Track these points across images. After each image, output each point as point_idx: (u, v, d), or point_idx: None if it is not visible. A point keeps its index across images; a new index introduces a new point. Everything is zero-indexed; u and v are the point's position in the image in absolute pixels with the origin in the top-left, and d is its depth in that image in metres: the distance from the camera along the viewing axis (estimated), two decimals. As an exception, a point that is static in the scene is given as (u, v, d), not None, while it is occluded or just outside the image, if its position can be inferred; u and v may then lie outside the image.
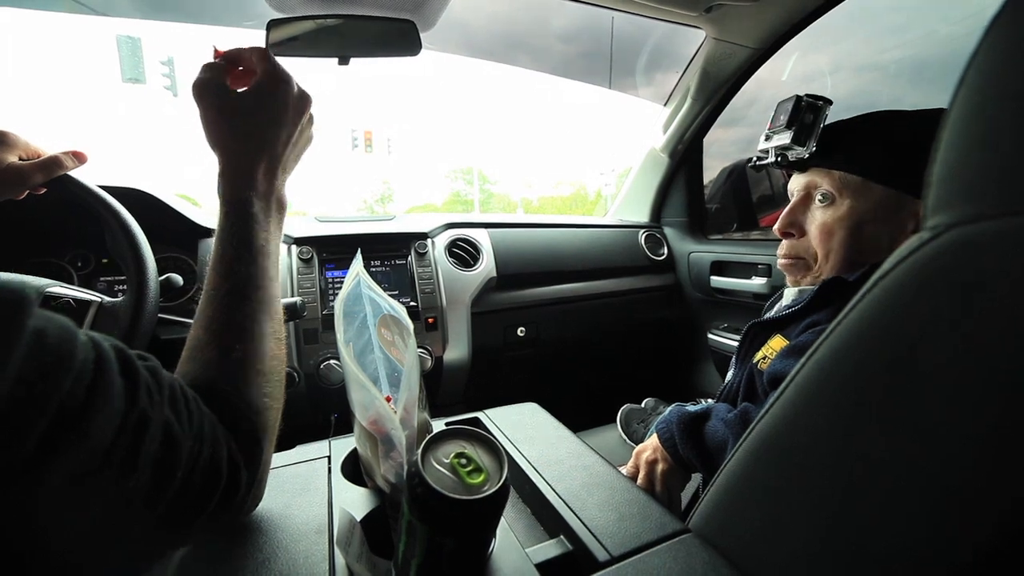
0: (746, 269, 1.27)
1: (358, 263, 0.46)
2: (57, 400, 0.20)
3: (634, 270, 1.44)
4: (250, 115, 0.45)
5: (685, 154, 1.43)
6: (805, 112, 0.61)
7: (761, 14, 1.01)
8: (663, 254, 1.51)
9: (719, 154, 1.53)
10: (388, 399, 0.40)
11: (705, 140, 1.44)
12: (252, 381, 0.38)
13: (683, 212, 1.53)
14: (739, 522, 0.36)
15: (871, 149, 0.58)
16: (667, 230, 1.56)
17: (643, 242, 1.49)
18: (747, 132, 1.48)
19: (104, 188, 0.72)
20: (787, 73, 1.30)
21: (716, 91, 1.24)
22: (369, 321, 0.45)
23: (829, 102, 0.62)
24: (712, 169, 1.54)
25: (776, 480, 0.34)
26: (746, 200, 1.53)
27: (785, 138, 0.61)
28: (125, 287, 0.96)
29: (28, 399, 0.19)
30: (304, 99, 0.48)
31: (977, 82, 0.26)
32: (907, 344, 0.26)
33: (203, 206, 1.09)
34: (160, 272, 0.73)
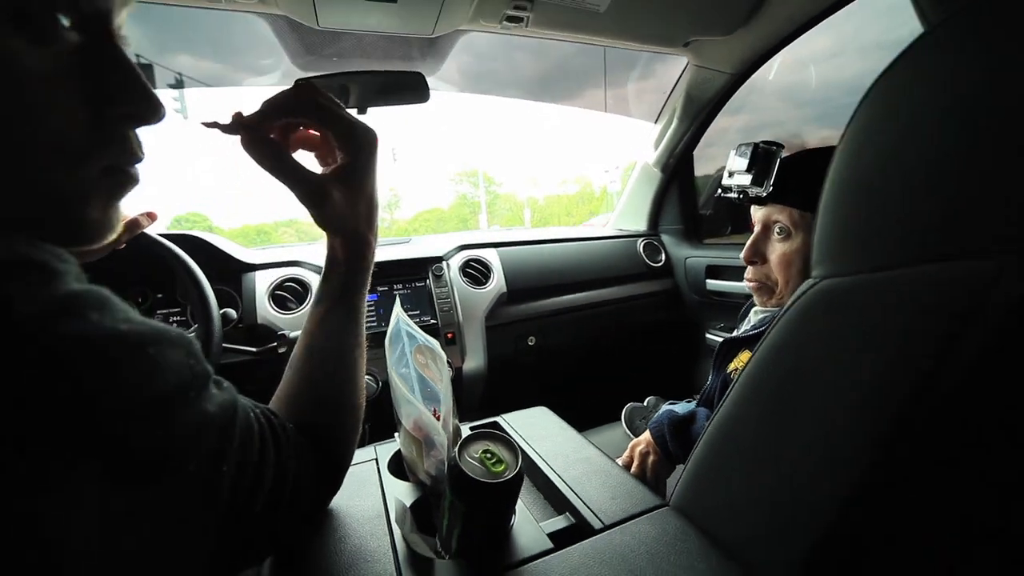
0: (739, 272, 1.37)
1: (398, 307, 0.57)
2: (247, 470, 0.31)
3: (634, 277, 1.55)
4: (359, 188, 0.44)
5: (676, 167, 1.54)
6: (761, 157, 0.71)
7: (735, 44, 1.11)
8: (661, 260, 1.61)
9: (725, 142, 1.60)
10: (435, 413, 0.51)
11: (712, 128, 1.49)
12: (345, 426, 0.47)
13: (678, 220, 1.64)
14: (703, 495, 0.46)
15: (819, 187, 0.68)
16: (664, 237, 1.67)
17: (642, 250, 1.60)
18: (751, 119, 1.57)
19: (167, 236, 0.85)
20: (773, 72, 1.39)
21: (699, 112, 1.35)
22: (407, 350, 0.57)
23: (781, 147, 0.72)
24: (719, 159, 1.62)
25: (726, 459, 0.44)
26: (738, 204, 1.62)
27: (745, 180, 0.71)
28: (180, 318, 1.09)
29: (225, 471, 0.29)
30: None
31: (838, 169, 0.36)
32: (796, 358, 0.37)
33: (212, 221, 1.22)
34: None
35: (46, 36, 0.25)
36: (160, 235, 0.86)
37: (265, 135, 0.40)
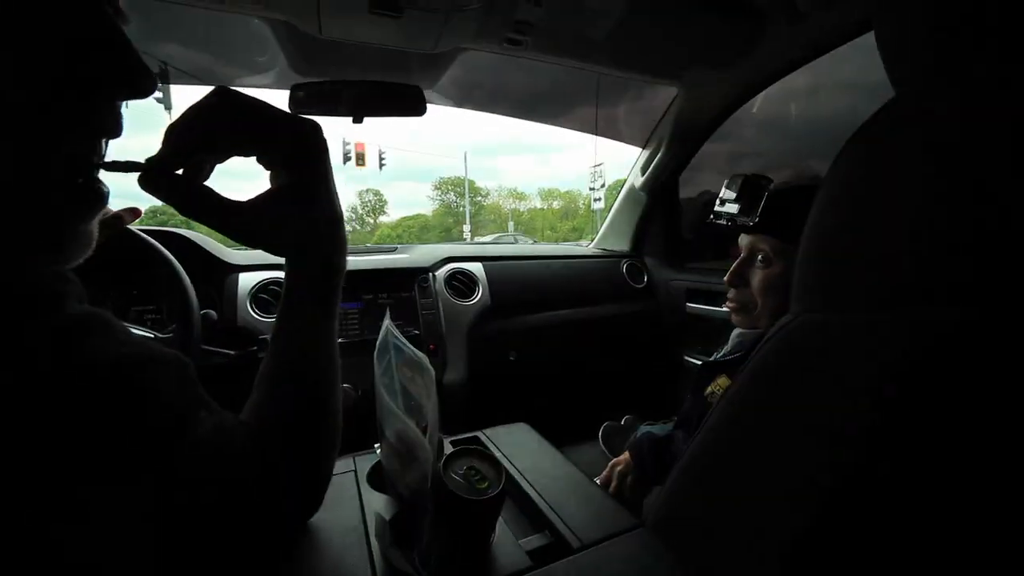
0: (718, 297, 1.41)
1: (387, 320, 0.58)
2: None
3: (616, 297, 1.57)
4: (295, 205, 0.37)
5: (661, 192, 1.58)
6: (750, 189, 0.75)
7: (724, 80, 1.16)
8: (643, 282, 1.64)
9: (708, 167, 1.66)
10: (424, 428, 0.52)
11: (698, 155, 1.52)
12: (324, 436, 0.46)
13: (662, 243, 1.68)
14: (678, 517, 0.48)
15: (800, 220, 0.72)
16: (647, 259, 1.70)
17: (625, 271, 1.63)
18: (733, 147, 1.62)
19: (149, 233, 0.84)
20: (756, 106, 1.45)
21: (686, 141, 1.40)
22: (393, 363, 0.57)
23: (770, 180, 0.76)
24: (704, 184, 1.68)
25: (703, 484, 0.46)
26: (719, 230, 1.67)
27: (734, 209, 0.75)
28: (155, 316, 1.07)
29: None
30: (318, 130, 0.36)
31: (817, 215, 0.39)
32: (773, 388, 0.39)
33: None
34: None
35: None
36: (142, 230, 0.85)
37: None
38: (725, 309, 0.86)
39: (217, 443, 0.30)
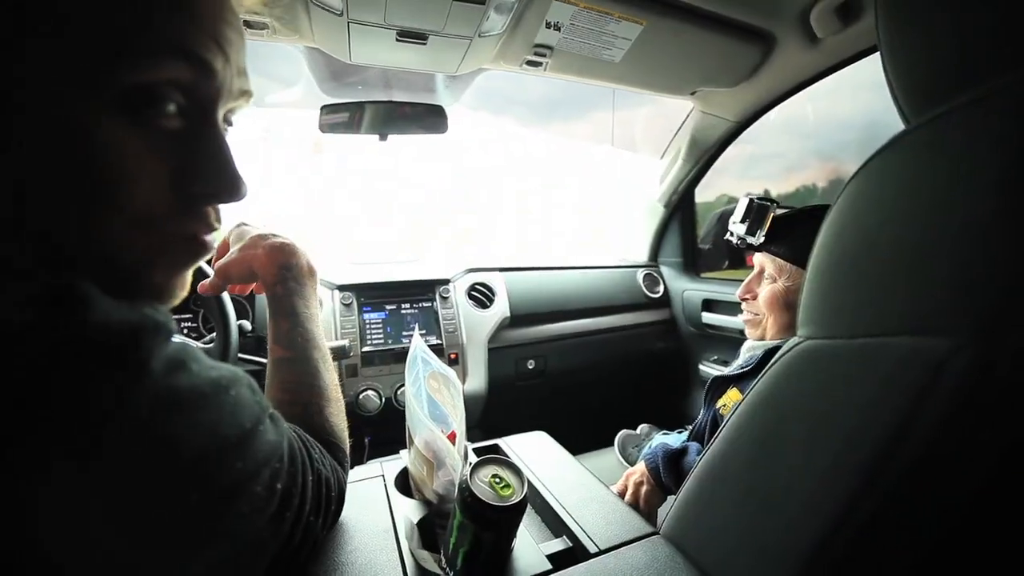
0: (733, 307, 1.42)
1: (416, 335, 0.61)
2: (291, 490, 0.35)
3: (633, 307, 1.59)
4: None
5: (678, 203, 1.60)
6: (756, 211, 0.78)
7: (739, 96, 1.18)
8: (659, 292, 1.66)
9: (726, 170, 1.67)
10: (452, 435, 0.55)
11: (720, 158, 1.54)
12: (332, 420, 0.52)
13: (678, 253, 1.69)
14: (692, 526, 0.50)
15: (804, 241, 0.75)
16: (664, 269, 1.72)
17: (641, 281, 1.65)
18: (755, 149, 1.63)
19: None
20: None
21: (703, 154, 1.42)
22: (421, 375, 0.61)
23: (775, 202, 0.80)
24: (719, 187, 1.70)
25: (715, 494, 0.48)
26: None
27: (741, 229, 0.79)
28: (191, 324, 1.13)
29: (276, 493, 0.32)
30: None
31: (824, 243, 0.41)
32: (780, 408, 0.41)
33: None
34: None
35: (147, 121, 0.26)
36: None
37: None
38: (740, 320, 0.90)
39: (281, 443, 0.34)
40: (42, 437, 0.20)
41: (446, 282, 1.29)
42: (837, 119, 1.62)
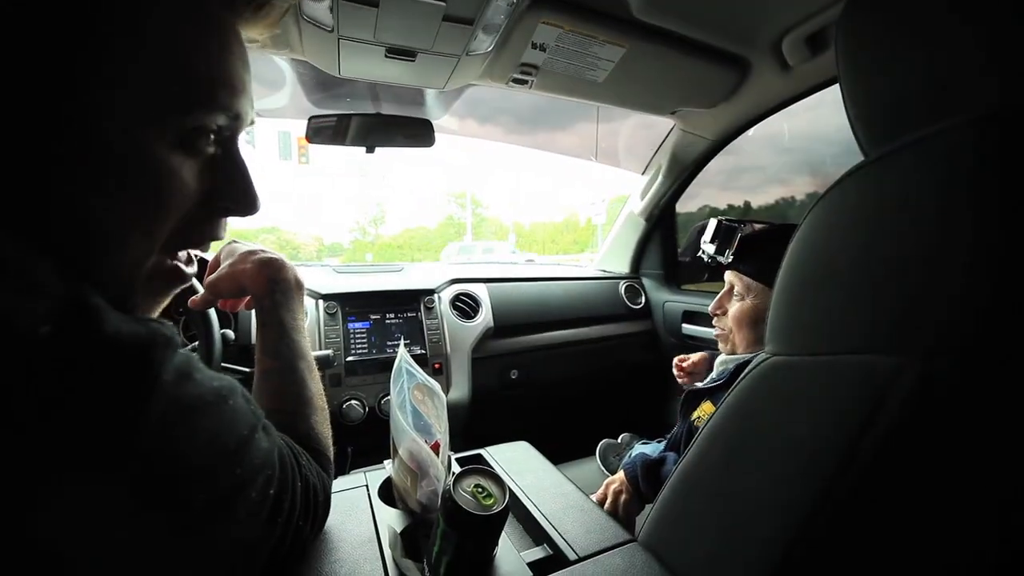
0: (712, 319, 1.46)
1: (402, 348, 0.63)
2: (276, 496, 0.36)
3: (615, 318, 1.62)
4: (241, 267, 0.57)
5: (659, 218, 1.64)
6: (724, 232, 0.82)
7: (718, 115, 1.23)
8: (641, 303, 1.69)
9: (708, 182, 1.72)
10: (436, 446, 0.56)
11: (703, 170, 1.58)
12: (318, 429, 0.53)
13: (659, 265, 1.73)
14: (668, 533, 0.52)
15: (769, 261, 0.78)
16: (645, 281, 1.75)
17: (623, 292, 1.68)
18: (735, 161, 1.68)
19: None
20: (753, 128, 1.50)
21: (683, 171, 1.46)
22: (406, 387, 0.62)
23: (742, 223, 0.83)
24: (700, 198, 1.75)
25: (689, 502, 0.50)
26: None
27: (711, 249, 0.82)
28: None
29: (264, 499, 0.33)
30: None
31: (789, 265, 0.44)
32: (748, 419, 0.44)
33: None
34: None
35: (197, 151, 0.32)
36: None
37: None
38: (713, 333, 0.94)
39: (274, 450, 0.36)
40: (64, 445, 0.21)
41: (431, 292, 1.31)
42: (816, 135, 1.68)
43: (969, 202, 0.32)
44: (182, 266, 0.37)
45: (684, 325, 1.55)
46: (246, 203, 0.37)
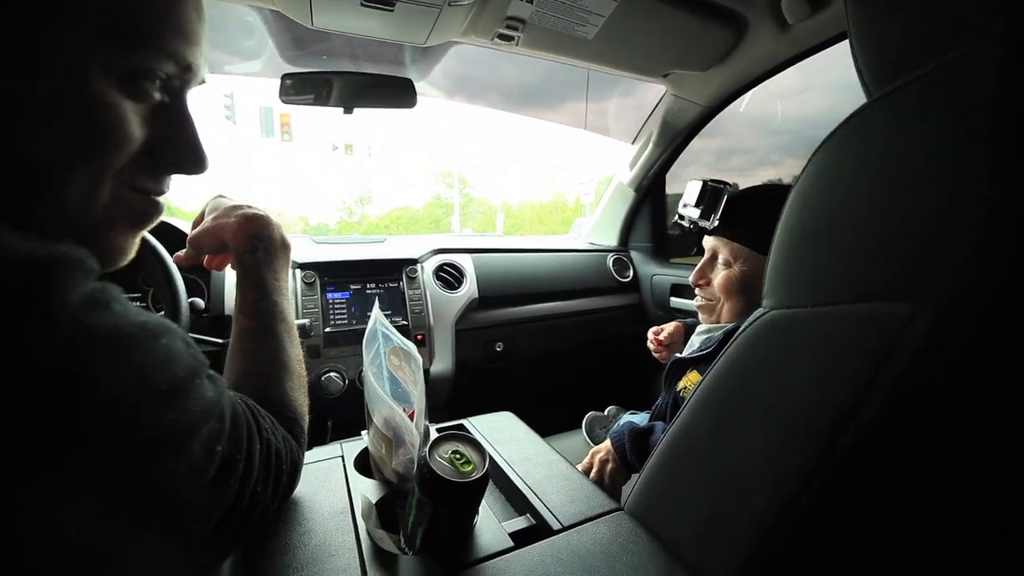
0: (701, 293, 1.45)
1: (376, 309, 0.59)
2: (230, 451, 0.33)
3: (602, 291, 1.60)
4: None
5: (649, 187, 1.60)
6: (710, 194, 0.78)
7: (711, 79, 1.18)
8: (629, 276, 1.67)
9: (699, 163, 1.70)
10: (411, 414, 0.53)
11: (688, 149, 1.56)
12: (292, 394, 0.51)
13: (648, 238, 1.70)
14: (656, 501, 0.50)
15: (758, 225, 0.75)
16: (633, 254, 1.73)
17: (611, 265, 1.65)
18: (724, 142, 1.66)
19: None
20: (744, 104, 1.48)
21: (674, 138, 1.42)
22: (381, 350, 0.58)
23: (728, 185, 0.79)
24: (687, 177, 1.71)
25: (678, 469, 0.48)
26: (702, 228, 1.71)
27: (695, 213, 0.78)
28: (141, 304, 1.07)
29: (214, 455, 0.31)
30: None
31: (790, 215, 0.41)
32: (744, 378, 0.41)
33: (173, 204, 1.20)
34: None
35: (142, 95, 0.32)
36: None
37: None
38: (694, 304, 0.91)
39: (221, 402, 0.33)
40: None
41: (413, 262, 1.26)
42: (805, 117, 1.66)
43: (991, 128, 0.28)
44: (152, 197, 0.36)
45: (672, 298, 1.53)
46: (192, 160, 0.36)
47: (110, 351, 0.24)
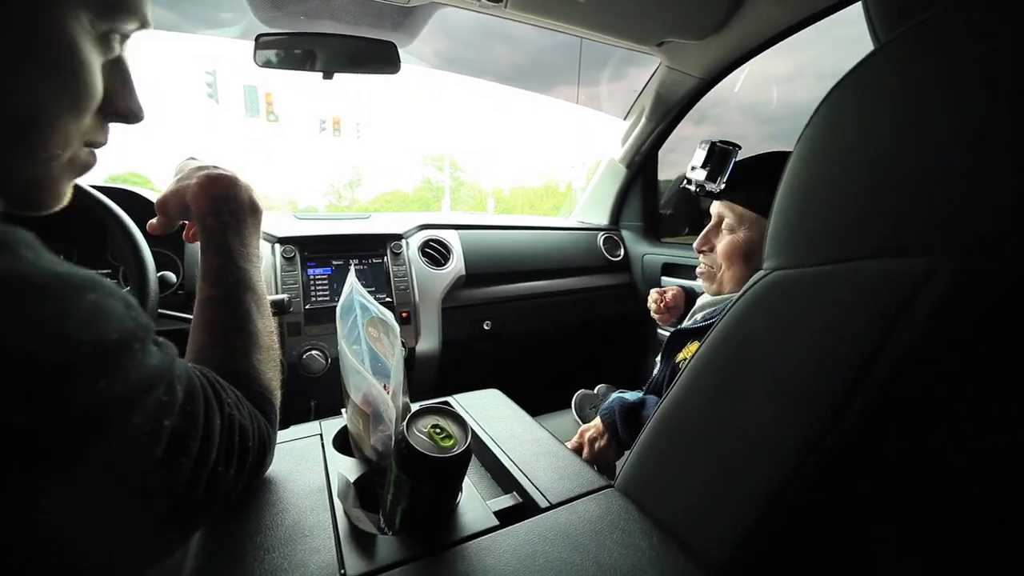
0: (692, 271, 1.42)
1: (352, 276, 0.55)
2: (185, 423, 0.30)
3: (592, 269, 1.57)
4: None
5: (641, 165, 1.57)
6: (718, 156, 0.74)
7: (706, 50, 1.14)
8: (619, 255, 1.64)
9: (688, 149, 1.67)
10: (385, 387, 0.50)
11: (676, 135, 1.55)
12: (259, 368, 0.47)
13: (639, 217, 1.67)
14: (648, 477, 0.48)
15: (766, 190, 0.72)
16: (624, 233, 1.70)
17: (602, 244, 1.62)
18: (715, 130, 1.63)
19: (100, 189, 0.78)
20: (739, 85, 1.44)
21: (667, 113, 1.38)
22: (359, 322, 0.55)
23: (738, 147, 0.76)
24: (680, 165, 1.69)
25: (671, 444, 0.46)
26: (696, 206, 1.69)
27: (701, 175, 0.75)
28: (111, 280, 1.01)
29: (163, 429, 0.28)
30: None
31: (792, 172, 0.38)
32: (743, 345, 0.38)
33: (155, 183, 1.15)
34: None
35: (110, 52, 0.33)
36: (92, 187, 0.79)
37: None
38: (699, 282, 0.88)
39: (169, 372, 0.29)
40: None
41: (398, 237, 1.22)
42: (798, 105, 1.63)
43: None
44: (95, 150, 0.37)
45: (663, 278, 1.51)
46: (136, 108, 0.37)
47: (14, 300, 0.20)
